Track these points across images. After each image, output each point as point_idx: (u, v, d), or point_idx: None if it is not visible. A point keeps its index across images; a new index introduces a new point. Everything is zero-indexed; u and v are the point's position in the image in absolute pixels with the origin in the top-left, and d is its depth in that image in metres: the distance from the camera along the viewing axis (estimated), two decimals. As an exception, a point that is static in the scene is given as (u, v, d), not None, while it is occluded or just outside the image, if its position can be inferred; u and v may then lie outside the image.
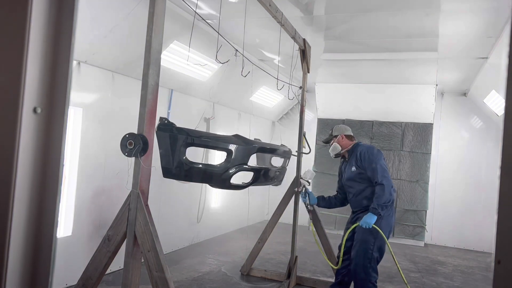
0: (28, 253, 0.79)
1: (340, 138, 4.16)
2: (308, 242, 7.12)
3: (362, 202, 3.97)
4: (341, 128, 4.23)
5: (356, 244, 3.86)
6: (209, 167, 3.02)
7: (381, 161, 3.86)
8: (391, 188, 3.74)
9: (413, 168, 7.79)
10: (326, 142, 4.34)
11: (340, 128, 4.23)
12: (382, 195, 3.68)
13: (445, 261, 6.75)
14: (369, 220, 3.69)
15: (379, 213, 3.68)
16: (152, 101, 2.36)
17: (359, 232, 3.85)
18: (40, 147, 0.80)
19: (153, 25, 2.32)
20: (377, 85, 7.52)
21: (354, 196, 4.05)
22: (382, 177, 3.73)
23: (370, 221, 3.68)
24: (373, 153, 3.89)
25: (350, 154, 4.12)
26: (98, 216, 4.49)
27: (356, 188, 4.02)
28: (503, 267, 0.74)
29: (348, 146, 4.14)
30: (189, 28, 3.25)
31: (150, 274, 2.33)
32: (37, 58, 0.78)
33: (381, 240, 3.75)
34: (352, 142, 4.17)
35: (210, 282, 4.78)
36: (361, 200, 3.97)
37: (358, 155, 3.97)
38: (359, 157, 3.95)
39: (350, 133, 4.22)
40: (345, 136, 4.16)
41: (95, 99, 4.44)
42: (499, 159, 0.75)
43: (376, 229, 3.71)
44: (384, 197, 3.68)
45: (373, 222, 3.68)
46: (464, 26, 4.91)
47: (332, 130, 4.26)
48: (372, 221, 3.68)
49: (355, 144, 4.15)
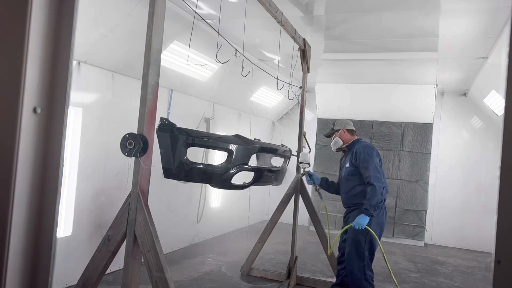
0: (28, 253, 0.79)
1: (342, 132, 4.15)
2: (308, 242, 7.13)
3: (352, 200, 3.98)
4: (343, 122, 4.21)
5: (348, 244, 3.88)
6: (210, 167, 3.03)
7: (375, 161, 3.83)
8: (383, 189, 3.73)
9: (413, 168, 7.79)
10: (328, 136, 4.33)
11: (342, 122, 4.21)
12: (374, 196, 3.68)
13: (445, 261, 6.75)
14: (361, 221, 3.69)
15: (371, 214, 3.68)
16: (152, 101, 2.36)
17: (350, 232, 3.86)
18: (40, 147, 0.80)
19: (153, 25, 2.32)
20: (377, 85, 7.52)
21: (345, 193, 4.07)
22: (374, 178, 3.72)
23: (362, 223, 3.69)
24: (368, 153, 3.86)
25: (349, 149, 4.12)
26: (98, 216, 4.49)
27: (347, 186, 4.03)
28: (503, 267, 0.74)
29: (349, 141, 4.14)
30: (189, 28, 3.25)
31: (150, 274, 2.33)
32: (37, 58, 0.78)
33: (372, 239, 3.77)
34: (353, 137, 4.16)
35: (210, 282, 4.78)
36: (351, 197, 3.99)
37: (354, 152, 3.97)
38: (354, 154, 3.94)
39: (352, 128, 4.21)
40: (347, 130, 4.15)
41: (95, 99, 4.44)
42: (499, 159, 0.75)
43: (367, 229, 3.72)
44: (376, 198, 3.68)
45: (365, 223, 3.68)
46: (464, 26, 4.91)
47: (334, 124, 4.24)
48: (364, 222, 3.68)
49: (355, 140, 4.14)
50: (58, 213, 0.82)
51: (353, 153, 3.99)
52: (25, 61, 0.76)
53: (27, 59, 0.76)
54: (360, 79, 7.49)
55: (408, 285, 5.25)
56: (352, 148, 4.06)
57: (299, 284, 4.95)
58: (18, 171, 0.76)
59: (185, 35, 4.74)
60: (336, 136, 4.18)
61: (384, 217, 3.91)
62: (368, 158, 3.82)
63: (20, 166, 0.76)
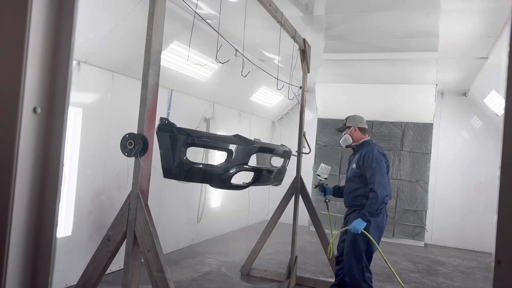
0: (28, 253, 0.79)
1: (353, 129, 4.09)
2: (308, 242, 7.13)
3: (354, 201, 3.99)
4: (355, 119, 4.13)
5: (346, 245, 3.89)
6: (210, 167, 3.03)
7: (383, 168, 3.81)
8: (385, 197, 3.74)
9: (413, 168, 7.78)
10: (339, 130, 4.28)
11: (354, 119, 4.13)
12: (375, 204, 3.69)
13: (445, 261, 6.75)
14: (358, 226, 3.71)
15: (368, 220, 3.70)
16: (152, 101, 2.36)
17: (349, 234, 3.88)
18: (40, 147, 0.80)
19: (153, 25, 2.32)
20: (377, 85, 7.52)
21: (347, 193, 4.08)
22: (378, 185, 3.70)
23: (358, 227, 3.71)
24: (378, 159, 3.81)
25: (358, 149, 4.08)
26: (98, 216, 4.49)
27: (350, 186, 4.03)
28: (503, 267, 0.74)
29: (359, 140, 4.09)
30: (189, 28, 3.25)
31: (150, 274, 2.33)
32: (37, 58, 0.78)
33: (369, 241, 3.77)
34: (363, 137, 4.11)
35: (210, 282, 4.78)
36: (353, 198, 3.99)
37: (363, 155, 3.91)
38: (363, 157, 3.89)
39: (364, 126, 4.13)
40: (359, 128, 4.09)
41: (95, 99, 4.44)
42: (499, 159, 0.75)
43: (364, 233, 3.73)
44: (376, 205, 3.69)
45: (361, 228, 3.70)
46: (464, 26, 4.91)
47: (347, 120, 4.18)
48: (360, 227, 3.70)
49: (366, 140, 4.08)
50: (58, 213, 0.82)
51: (361, 155, 3.93)
52: (25, 61, 0.76)
53: (27, 59, 0.76)
54: (360, 79, 7.49)
55: (408, 285, 5.25)
56: (361, 149, 3.99)
57: (299, 284, 4.95)
58: (18, 171, 0.76)
59: (185, 35, 4.74)
60: (347, 133, 4.12)
61: (385, 220, 3.90)
62: (376, 165, 3.77)
63: (20, 166, 0.76)
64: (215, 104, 6.75)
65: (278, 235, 6.58)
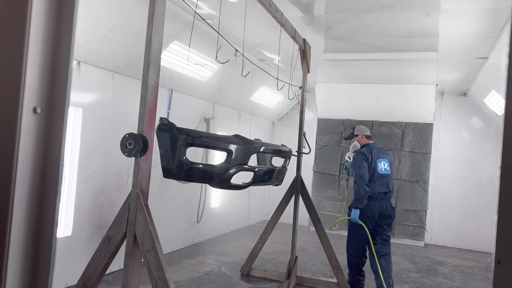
0: (28, 253, 0.79)
1: (360, 137, 4.89)
2: (308, 242, 7.13)
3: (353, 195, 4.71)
4: (361, 129, 4.96)
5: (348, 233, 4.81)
6: (209, 167, 3.02)
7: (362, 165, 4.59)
8: (364, 185, 4.51)
9: (413, 168, 7.78)
10: (346, 138, 5.20)
11: (361, 129, 4.96)
12: (357, 192, 4.55)
13: (445, 261, 6.75)
14: (353, 215, 4.54)
15: (356, 206, 4.52)
16: (152, 101, 2.36)
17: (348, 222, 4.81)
18: (40, 147, 0.80)
19: (153, 25, 2.32)
20: (377, 85, 7.52)
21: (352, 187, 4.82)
22: (356, 178, 4.60)
23: (353, 216, 4.54)
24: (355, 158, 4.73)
25: None
26: (98, 216, 4.49)
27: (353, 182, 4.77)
28: (503, 267, 0.74)
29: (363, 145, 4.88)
30: (189, 28, 3.25)
31: (150, 274, 2.33)
32: (37, 58, 0.78)
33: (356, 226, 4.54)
34: (368, 141, 4.88)
35: (210, 282, 4.79)
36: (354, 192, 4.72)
37: None
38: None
39: (368, 134, 4.97)
40: (365, 136, 4.91)
41: (95, 99, 4.44)
42: (499, 159, 0.75)
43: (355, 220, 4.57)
44: (358, 193, 4.51)
45: (355, 216, 4.50)
46: (464, 26, 4.91)
47: (354, 130, 4.99)
48: (354, 215, 4.51)
49: (365, 144, 4.84)
50: (58, 213, 0.82)
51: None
52: (25, 61, 0.76)
53: (27, 59, 0.76)
54: (360, 79, 7.49)
55: (408, 285, 5.25)
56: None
57: (299, 284, 4.95)
58: (18, 171, 0.76)
59: (185, 35, 4.74)
60: (355, 140, 4.92)
61: (375, 209, 4.57)
62: (355, 162, 4.69)
63: (20, 166, 0.76)
64: (215, 104, 6.75)
65: (278, 235, 6.59)
